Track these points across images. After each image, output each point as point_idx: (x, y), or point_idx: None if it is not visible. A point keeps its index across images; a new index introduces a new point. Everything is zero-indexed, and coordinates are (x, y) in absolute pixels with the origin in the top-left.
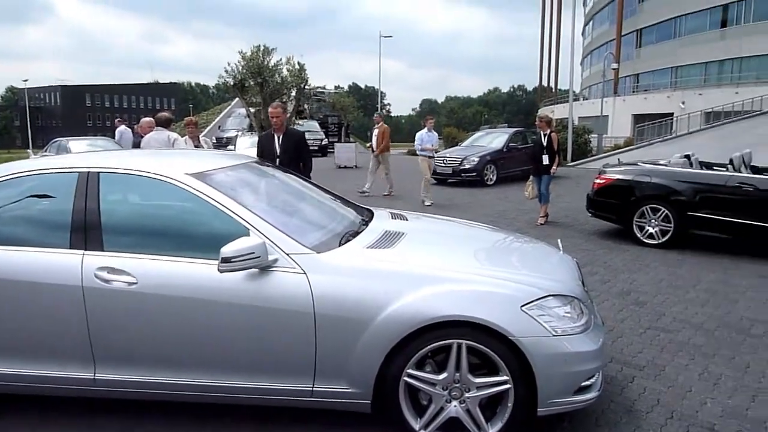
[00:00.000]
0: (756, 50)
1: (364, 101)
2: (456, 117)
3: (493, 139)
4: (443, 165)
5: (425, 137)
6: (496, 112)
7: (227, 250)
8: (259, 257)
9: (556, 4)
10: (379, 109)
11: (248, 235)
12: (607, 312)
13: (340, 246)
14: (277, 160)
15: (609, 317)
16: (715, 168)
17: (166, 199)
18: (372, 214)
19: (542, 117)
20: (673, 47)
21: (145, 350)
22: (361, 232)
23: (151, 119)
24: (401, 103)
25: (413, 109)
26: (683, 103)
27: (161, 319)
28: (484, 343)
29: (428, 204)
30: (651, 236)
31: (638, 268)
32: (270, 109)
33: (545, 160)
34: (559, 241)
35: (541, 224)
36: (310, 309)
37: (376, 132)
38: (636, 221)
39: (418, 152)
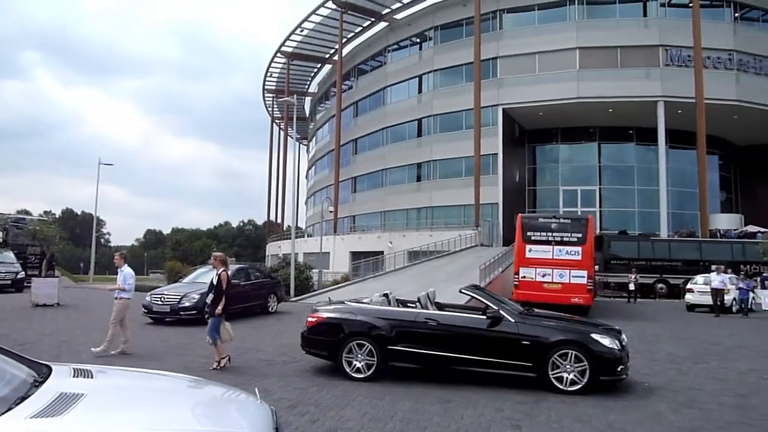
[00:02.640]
0: (442, 201)
1: (81, 229)
2: (182, 249)
3: None
4: (160, 303)
5: (119, 275)
6: (225, 245)
7: None
8: None
9: (282, 147)
10: (93, 238)
11: None
12: None
13: None
14: None
15: None
16: (408, 305)
17: None
18: (50, 370)
19: (216, 255)
20: (381, 194)
21: None
22: (30, 395)
23: None
24: (124, 232)
25: (137, 240)
26: (391, 242)
27: None
28: None
29: (102, 352)
30: (358, 370)
31: (346, 403)
32: None
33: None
34: (256, 389)
35: (213, 369)
36: None
37: None
38: (345, 357)
39: None
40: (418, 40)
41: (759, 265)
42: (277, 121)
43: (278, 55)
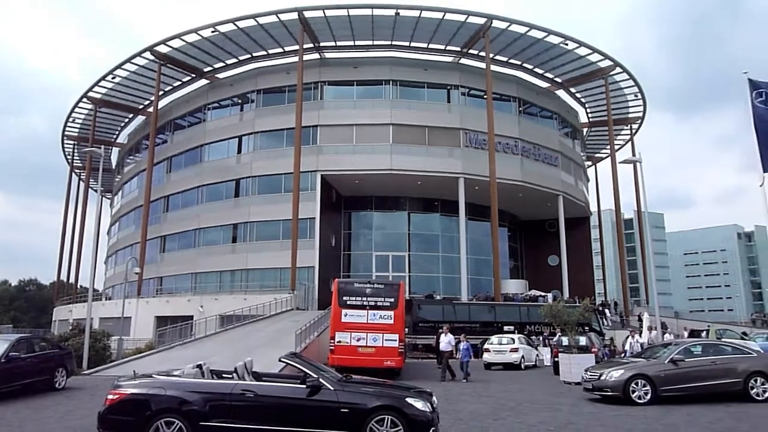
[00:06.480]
0: (258, 264)
1: None
2: None
3: None
4: None
5: None
6: (1, 308)
7: None
8: None
9: (82, 199)
10: None
11: None
12: None
13: None
14: None
15: None
16: (224, 376)
17: None
18: None
19: None
20: (193, 255)
21: None
22: None
23: None
24: None
25: None
26: (202, 306)
27: None
28: None
29: None
30: None
31: None
32: None
33: None
34: None
35: None
36: None
37: None
38: None
39: None
40: (240, 101)
41: (541, 326)
42: (77, 170)
43: (84, 100)
